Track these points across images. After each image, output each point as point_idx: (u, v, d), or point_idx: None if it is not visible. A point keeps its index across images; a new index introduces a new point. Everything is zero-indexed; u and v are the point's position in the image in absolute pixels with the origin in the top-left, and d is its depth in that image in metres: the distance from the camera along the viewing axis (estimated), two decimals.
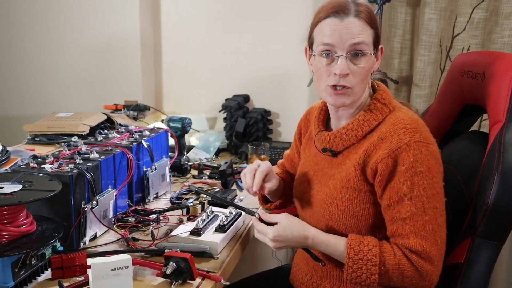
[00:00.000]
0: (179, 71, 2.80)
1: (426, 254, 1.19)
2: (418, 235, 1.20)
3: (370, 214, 1.29)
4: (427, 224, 1.20)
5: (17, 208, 1.22)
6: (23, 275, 1.20)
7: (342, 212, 1.30)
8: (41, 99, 2.89)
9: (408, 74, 2.40)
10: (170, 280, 1.24)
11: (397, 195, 1.21)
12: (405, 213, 1.21)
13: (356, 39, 1.24)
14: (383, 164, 1.23)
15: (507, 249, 2.37)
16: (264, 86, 2.63)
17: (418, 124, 1.26)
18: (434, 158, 1.23)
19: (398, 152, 1.22)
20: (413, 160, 1.20)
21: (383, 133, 1.26)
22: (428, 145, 1.23)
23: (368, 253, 1.22)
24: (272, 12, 2.54)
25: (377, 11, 2.14)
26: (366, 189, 1.28)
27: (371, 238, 1.25)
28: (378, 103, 1.31)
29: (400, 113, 1.30)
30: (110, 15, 2.71)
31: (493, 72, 1.42)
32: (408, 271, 1.20)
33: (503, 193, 1.28)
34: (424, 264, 1.20)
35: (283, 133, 2.64)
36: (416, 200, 1.20)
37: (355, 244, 1.24)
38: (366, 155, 1.27)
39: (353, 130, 1.32)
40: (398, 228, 1.22)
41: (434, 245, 1.20)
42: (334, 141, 1.35)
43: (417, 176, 1.20)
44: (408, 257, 1.20)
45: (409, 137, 1.22)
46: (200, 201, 1.65)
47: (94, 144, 1.65)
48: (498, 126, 1.36)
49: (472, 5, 2.17)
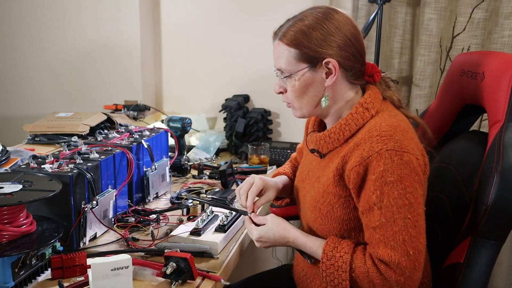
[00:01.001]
0: (179, 71, 2.80)
1: (395, 265, 1.16)
2: (388, 245, 1.17)
3: (351, 218, 1.28)
4: (397, 234, 1.17)
5: (17, 208, 1.22)
6: (23, 275, 1.20)
7: (324, 216, 1.31)
8: (41, 99, 2.89)
9: (408, 74, 2.40)
10: (170, 280, 1.24)
11: (368, 203, 1.20)
12: (375, 222, 1.19)
13: (277, 64, 1.33)
14: (355, 172, 1.22)
15: (507, 249, 2.36)
16: (264, 86, 2.62)
17: (395, 131, 1.21)
18: (408, 167, 1.18)
19: (369, 161, 1.19)
20: (383, 170, 1.18)
21: (359, 139, 1.25)
22: (402, 154, 1.18)
23: (339, 259, 1.22)
24: (272, 12, 2.54)
25: (377, 11, 2.14)
26: (346, 194, 1.28)
27: (346, 244, 1.25)
28: (360, 108, 1.30)
29: (380, 118, 1.27)
30: (110, 15, 2.71)
31: (493, 72, 1.42)
32: (377, 279, 1.19)
33: (502, 193, 1.28)
34: (393, 274, 1.17)
35: (283, 133, 2.64)
36: (385, 210, 1.18)
37: (329, 250, 1.25)
38: (344, 161, 1.27)
39: (335, 133, 1.32)
40: (370, 236, 1.21)
41: (405, 256, 1.16)
42: (320, 143, 1.36)
43: (387, 186, 1.18)
44: (378, 266, 1.18)
45: (381, 145, 1.19)
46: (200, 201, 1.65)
47: (94, 144, 1.65)
48: (498, 126, 1.36)
49: (472, 5, 2.17)
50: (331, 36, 1.26)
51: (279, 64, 1.32)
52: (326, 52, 1.27)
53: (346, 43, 1.27)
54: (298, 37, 1.28)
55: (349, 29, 1.28)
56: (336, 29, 1.27)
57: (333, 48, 1.27)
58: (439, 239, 1.48)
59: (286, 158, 2.26)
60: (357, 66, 1.31)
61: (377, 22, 2.21)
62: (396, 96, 1.37)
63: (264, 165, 2.18)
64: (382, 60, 2.37)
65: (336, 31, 1.27)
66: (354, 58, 1.29)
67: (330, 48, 1.26)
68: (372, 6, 2.33)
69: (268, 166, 2.19)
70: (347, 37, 1.27)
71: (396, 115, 1.30)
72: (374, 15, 2.12)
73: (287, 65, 1.30)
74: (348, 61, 1.28)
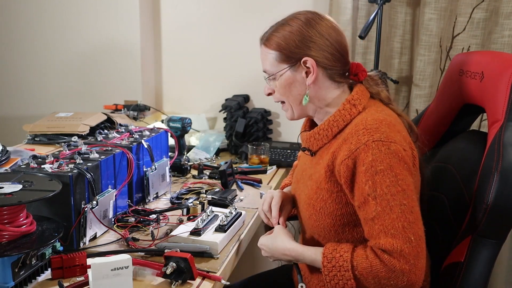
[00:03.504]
0: (179, 71, 2.80)
1: (398, 253, 1.16)
2: (388, 234, 1.18)
3: (345, 214, 1.30)
4: (395, 221, 1.18)
5: (17, 208, 1.22)
6: (23, 275, 1.20)
7: (318, 212, 1.33)
8: (41, 99, 2.89)
9: (408, 74, 2.40)
10: (170, 280, 1.24)
11: (362, 195, 1.22)
12: (371, 213, 1.20)
13: (263, 66, 1.43)
14: (344, 166, 1.24)
15: (507, 248, 2.36)
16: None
17: (381, 124, 1.24)
18: (397, 156, 1.20)
19: (357, 153, 1.22)
20: (372, 160, 1.20)
21: (346, 134, 1.29)
22: (389, 144, 1.21)
23: (340, 259, 1.23)
24: (271, 11, 2.53)
25: (377, 11, 2.14)
26: (337, 189, 1.30)
27: (345, 245, 1.26)
28: (348, 104, 1.33)
29: (367, 114, 1.30)
30: (110, 15, 2.71)
31: (492, 72, 1.42)
32: (381, 272, 1.18)
33: (502, 192, 1.28)
34: (397, 263, 1.16)
35: (283, 133, 2.64)
36: (380, 199, 1.19)
37: (328, 252, 1.25)
38: (333, 157, 1.29)
39: (324, 130, 1.36)
40: (370, 229, 1.22)
41: (407, 243, 1.17)
42: (310, 141, 1.40)
43: (378, 175, 1.19)
44: (381, 258, 1.18)
45: (367, 137, 1.22)
46: (200, 201, 1.65)
47: (94, 144, 1.65)
48: (497, 126, 1.36)
49: (472, 5, 2.17)
50: (309, 38, 1.33)
51: (265, 66, 1.42)
52: (304, 52, 1.34)
53: (325, 43, 1.34)
54: (278, 40, 1.36)
55: (328, 31, 1.34)
56: (315, 32, 1.34)
57: (311, 49, 1.33)
58: (438, 239, 1.48)
59: (286, 158, 2.27)
60: (338, 65, 1.35)
61: (377, 22, 2.21)
62: (384, 93, 1.41)
63: (264, 165, 2.18)
64: (382, 60, 2.37)
65: (315, 34, 1.34)
66: (333, 57, 1.34)
67: (308, 49, 1.34)
68: (372, 6, 2.33)
69: (268, 166, 2.19)
70: (326, 38, 1.34)
71: (382, 110, 1.34)
72: (374, 15, 2.12)
73: (270, 66, 1.39)
74: (327, 60, 1.34)
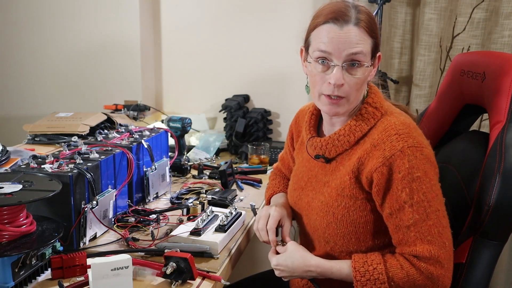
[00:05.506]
0: (179, 71, 2.80)
1: (435, 259, 1.17)
2: (425, 241, 1.17)
3: (368, 221, 1.27)
4: (432, 228, 1.18)
5: (17, 208, 1.22)
6: (23, 275, 1.20)
7: (339, 220, 1.29)
8: (41, 99, 2.89)
9: (408, 74, 2.40)
10: (170, 280, 1.23)
11: (397, 203, 1.19)
12: (408, 221, 1.18)
13: (354, 49, 1.21)
14: (378, 173, 1.20)
15: (507, 248, 2.36)
16: (264, 86, 2.63)
17: (410, 128, 1.23)
18: (429, 161, 1.21)
19: (392, 160, 1.19)
20: (409, 167, 1.18)
21: (376, 140, 1.24)
22: (422, 149, 1.20)
23: (374, 272, 1.20)
24: (272, 12, 2.54)
25: (377, 11, 2.14)
26: (362, 196, 1.27)
27: (375, 256, 1.23)
28: (370, 107, 1.29)
29: (392, 117, 1.27)
30: (110, 15, 2.71)
31: (494, 72, 1.41)
32: (418, 280, 1.17)
33: (504, 194, 1.28)
34: (434, 269, 1.17)
35: (283, 133, 2.64)
36: (417, 206, 1.18)
37: (360, 266, 1.22)
38: (360, 163, 1.25)
39: (345, 136, 1.30)
40: (404, 236, 1.20)
41: (442, 248, 1.17)
42: (327, 148, 1.33)
43: (415, 182, 1.18)
44: (416, 266, 1.18)
45: (402, 143, 1.20)
46: (200, 201, 1.65)
47: (94, 144, 1.65)
48: (499, 126, 1.36)
49: (472, 5, 2.17)
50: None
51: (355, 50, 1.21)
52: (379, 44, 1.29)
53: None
54: (374, 27, 1.25)
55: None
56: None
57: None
58: None
59: None
60: None
61: (377, 22, 2.21)
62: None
63: (264, 165, 2.17)
64: (382, 60, 2.36)
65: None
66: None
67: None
68: (372, 6, 2.33)
69: (268, 166, 2.18)
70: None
71: (401, 112, 1.32)
72: (374, 15, 2.12)
73: (364, 55, 1.23)
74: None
